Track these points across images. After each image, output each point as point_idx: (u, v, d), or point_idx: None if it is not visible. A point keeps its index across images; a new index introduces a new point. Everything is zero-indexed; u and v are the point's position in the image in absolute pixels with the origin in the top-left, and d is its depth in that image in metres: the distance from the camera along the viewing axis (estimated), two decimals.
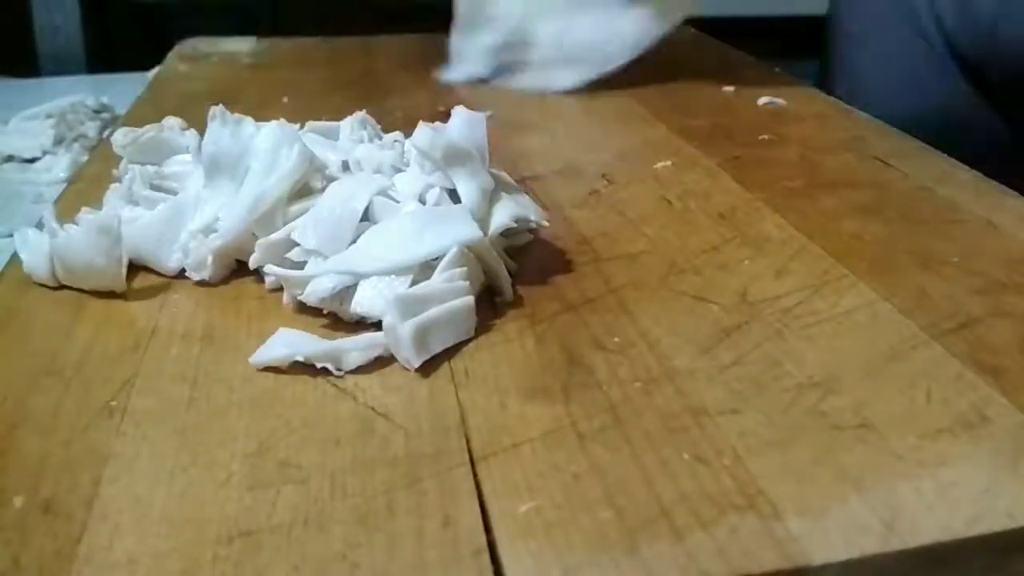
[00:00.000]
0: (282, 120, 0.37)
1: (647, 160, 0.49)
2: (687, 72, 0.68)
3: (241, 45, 0.80)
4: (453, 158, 0.33)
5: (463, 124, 0.34)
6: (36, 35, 0.91)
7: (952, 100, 0.67)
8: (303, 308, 0.34)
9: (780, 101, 0.58)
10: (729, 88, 0.62)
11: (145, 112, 0.61)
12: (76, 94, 0.73)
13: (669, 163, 0.49)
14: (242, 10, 1.01)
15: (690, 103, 0.60)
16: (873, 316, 0.33)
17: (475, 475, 0.26)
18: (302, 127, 0.40)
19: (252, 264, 0.35)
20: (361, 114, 0.41)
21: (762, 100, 0.58)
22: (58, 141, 0.65)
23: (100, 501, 0.25)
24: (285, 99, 0.62)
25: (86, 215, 0.35)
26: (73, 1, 0.91)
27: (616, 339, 0.32)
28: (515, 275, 0.36)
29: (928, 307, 0.33)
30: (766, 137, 0.52)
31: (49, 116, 0.68)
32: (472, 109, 0.36)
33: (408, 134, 0.39)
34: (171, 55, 0.79)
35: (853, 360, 0.30)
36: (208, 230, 0.36)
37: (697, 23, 0.62)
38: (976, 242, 0.38)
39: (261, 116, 0.38)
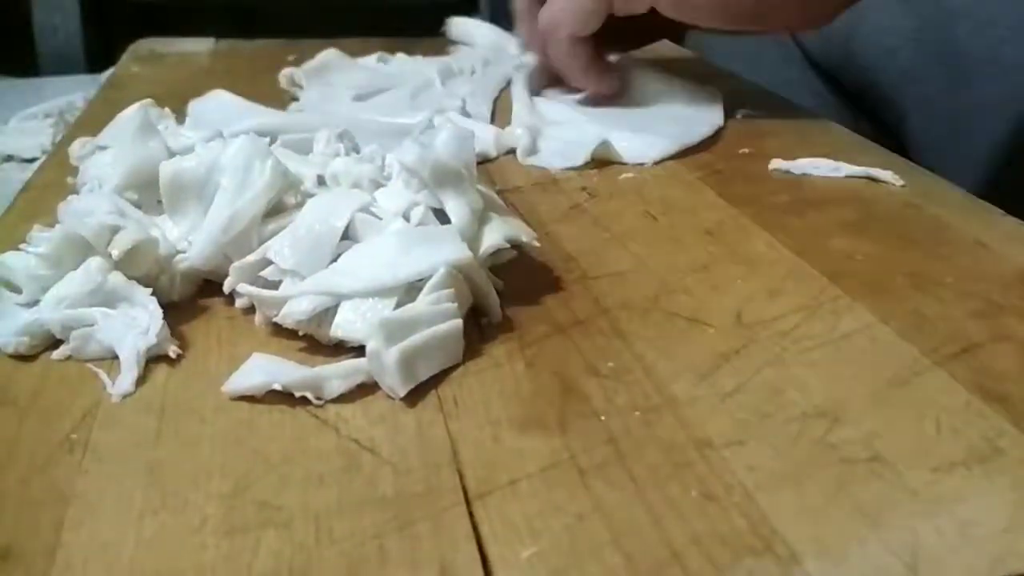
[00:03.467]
0: (251, 133, 0.35)
1: (627, 172, 0.48)
2: None
3: (199, 46, 0.78)
4: (442, 177, 0.32)
5: (451, 140, 0.32)
6: (36, 35, 0.89)
7: (817, 102, 0.69)
8: (277, 330, 0.32)
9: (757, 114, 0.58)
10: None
11: (99, 116, 0.58)
12: (76, 94, 0.71)
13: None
14: (243, 10, 0.98)
15: None
16: (873, 340, 0.32)
17: (471, 516, 0.24)
18: (273, 140, 0.38)
19: (226, 288, 0.33)
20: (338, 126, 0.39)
21: (739, 113, 0.57)
22: (57, 141, 0.63)
23: (63, 548, 0.23)
24: None
25: (39, 233, 0.32)
26: (73, 1, 0.89)
27: (611, 364, 0.31)
28: (501, 294, 0.34)
29: (928, 330, 0.32)
30: (746, 151, 0.51)
31: (48, 116, 0.66)
32: None
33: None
34: (125, 56, 0.76)
35: (857, 387, 0.29)
36: (173, 255, 0.34)
37: None
38: (969, 263, 0.37)
39: None
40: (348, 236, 0.32)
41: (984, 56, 0.59)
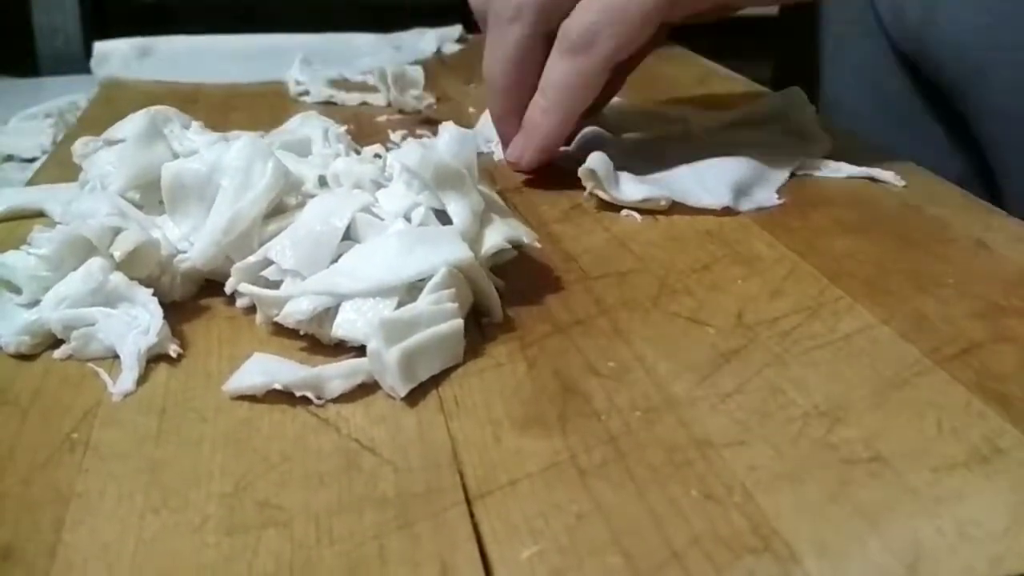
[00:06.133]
0: (252, 134, 0.35)
1: None
2: (663, 84, 0.67)
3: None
4: (444, 179, 0.32)
5: (452, 141, 0.32)
6: (36, 35, 0.90)
7: (910, 98, 0.66)
8: (278, 330, 0.32)
9: None
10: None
11: (100, 116, 0.58)
12: (76, 94, 0.71)
13: None
14: (242, 9, 0.99)
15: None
16: (873, 340, 0.32)
17: (472, 516, 0.24)
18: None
19: (228, 289, 0.33)
20: (338, 127, 0.39)
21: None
22: (57, 141, 0.63)
23: (64, 548, 0.23)
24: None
25: (39, 234, 0.32)
26: (73, 1, 0.89)
27: (611, 364, 0.31)
28: (502, 294, 0.34)
29: (928, 331, 0.32)
30: None
31: (48, 116, 0.66)
32: None
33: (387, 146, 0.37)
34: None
35: (858, 388, 0.29)
36: (174, 256, 0.34)
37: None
38: (970, 263, 0.37)
39: (223, 119, 0.36)
40: (349, 236, 0.32)
41: None
